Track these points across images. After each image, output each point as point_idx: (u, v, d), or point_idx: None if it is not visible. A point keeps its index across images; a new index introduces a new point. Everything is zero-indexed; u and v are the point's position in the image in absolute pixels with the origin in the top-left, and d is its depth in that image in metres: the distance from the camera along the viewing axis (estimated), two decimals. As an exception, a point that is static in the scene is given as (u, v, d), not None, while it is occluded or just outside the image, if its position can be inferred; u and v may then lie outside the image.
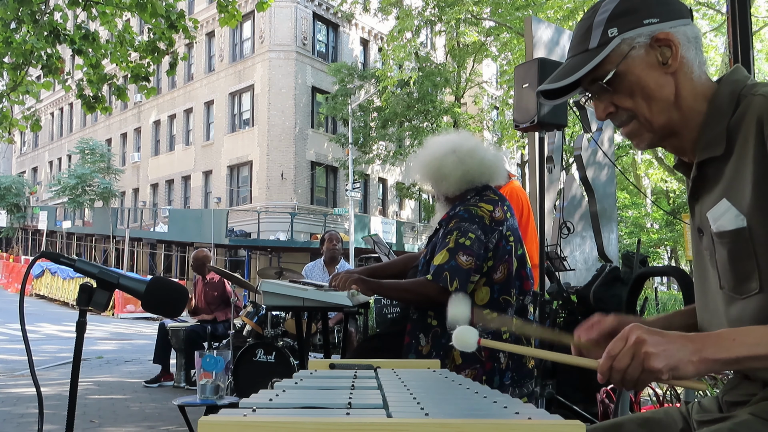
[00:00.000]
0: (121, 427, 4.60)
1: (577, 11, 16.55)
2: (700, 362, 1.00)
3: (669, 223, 22.43)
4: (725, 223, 1.13)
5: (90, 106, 7.55)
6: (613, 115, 1.24)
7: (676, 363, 1.00)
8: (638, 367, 1.01)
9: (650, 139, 1.23)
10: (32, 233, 36.16)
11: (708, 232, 1.20)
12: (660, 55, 1.17)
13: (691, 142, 1.22)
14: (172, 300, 1.47)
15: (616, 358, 1.02)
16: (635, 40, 1.17)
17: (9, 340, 11.76)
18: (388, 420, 0.80)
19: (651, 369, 1.00)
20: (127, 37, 7.41)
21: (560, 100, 1.32)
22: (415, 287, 2.37)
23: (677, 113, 1.19)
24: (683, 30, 1.18)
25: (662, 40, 1.17)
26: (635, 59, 1.17)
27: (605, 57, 1.17)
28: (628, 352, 1.01)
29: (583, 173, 5.19)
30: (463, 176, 2.42)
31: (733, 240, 1.12)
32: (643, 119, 1.20)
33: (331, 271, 5.94)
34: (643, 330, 1.02)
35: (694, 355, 1.00)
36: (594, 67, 1.18)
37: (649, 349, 1.00)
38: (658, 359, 0.99)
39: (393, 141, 23.71)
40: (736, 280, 1.14)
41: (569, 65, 1.23)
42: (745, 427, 1.11)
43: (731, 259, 1.14)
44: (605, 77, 1.19)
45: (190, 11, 27.38)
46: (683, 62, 1.18)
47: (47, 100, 37.81)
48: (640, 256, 4.34)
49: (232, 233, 22.85)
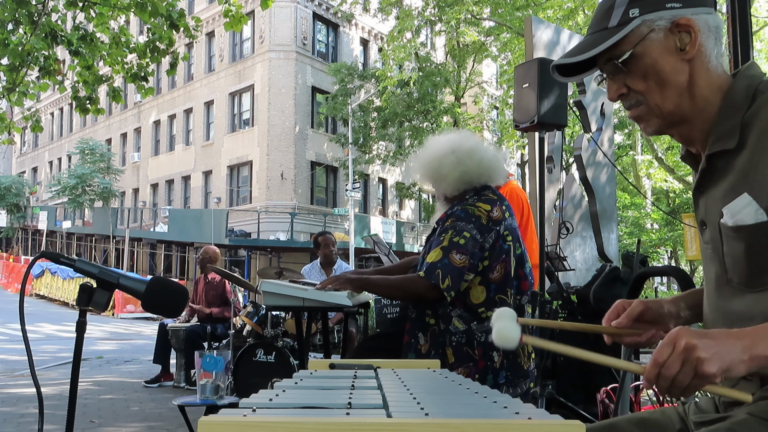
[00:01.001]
0: (121, 427, 4.60)
1: (577, 11, 16.55)
2: (752, 360, 0.98)
3: (669, 223, 22.41)
4: (744, 218, 1.12)
5: (83, 108, 7.55)
6: (624, 96, 1.23)
7: (728, 365, 0.97)
8: (690, 373, 0.97)
9: (658, 124, 1.22)
10: (32, 233, 36.15)
11: (713, 226, 1.19)
12: (679, 41, 1.16)
13: (701, 132, 1.21)
14: (172, 300, 1.47)
15: (664, 365, 0.98)
16: (655, 23, 1.16)
17: (9, 340, 11.77)
18: (388, 420, 0.80)
19: (704, 374, 0.96)
20: (122, 39, 7.40)
21: (574, 79, 1.31)
22: (405, 283, 2.37)
23: (689, 101, 1.18)
24: (705, 18, 1.17)
25: (682, 26, 1.16)
26: (653, 42, 1.17)
27: (623, 37, 1.16)
28: (678, 359, 0.97)
29: (583, 173, 5.19)
30: (462, 176, 2.43)
31: (752, 234, 1.11)
32: (653, 104, 1.19)
33: (328, 272, 5.94)
34: (691, 334, 0.99)
35: (744, 353, 0.97)
36: (611, 46, 1.17)
37: (701, 354, 0.96)
38: (711, 363, 0.96)
39: (393, 141, 23.70)
40: (749, 274, 1.14)
41: (587, 41, 1.22)
42: (743, 426, 1.10)
43: (747, 253, 1.13)
44: (621, 57, 1.18)
45: (190, 11, 27.39)
46: (701, 50, 1.17)
47: (47, 101, 37.81)
48: (640, 256, 4.34)
49: (232, 233, 22.85)
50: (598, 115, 5.50)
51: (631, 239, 21.92)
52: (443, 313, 2.30)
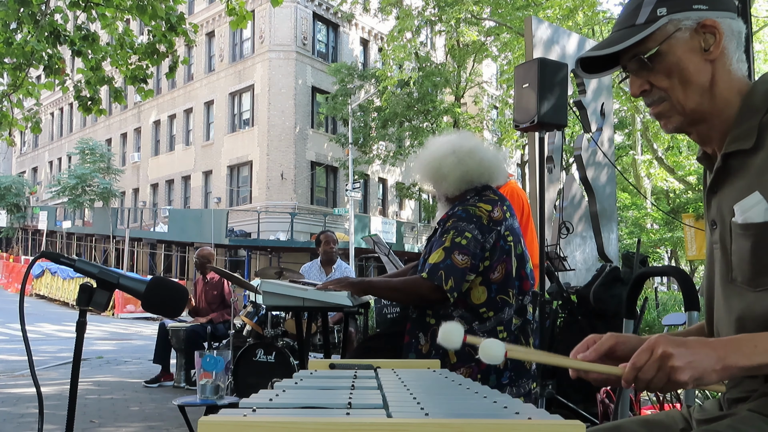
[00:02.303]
0: (121, 427, 4.60)
1: (577, 11, 16.55)
2: (723, 370, 1.02)
3: (669, 223, 22.42)
4: (753, 215, 1.14)
5: (86, 108, 7.55)
6: (646, 93, 1.25)
7: (701, 373, 1.02)
8: (664, 379, 1.03)
9: (679, 121, 1.25)
10: (32, 233, 36.15)
11: (724, 225, 1.21)
12: (703, 41, 1.19)
13: (719, 132, 1.23)
14: (172, 300, 1.47)
15: (641, 370, 1.04)
16: (682, 22, 1.19)
17: (9, 340, 11.77)
18: (388, 420, 0.80)
19: (677, 381, 1.02)
20: (127, 40, 7.40)
21: (597, 76, 1.34)
22: (408, 286, 2.38)
23: (709, 101, 1.21)
24: (729, 22, 1.20)
25: (708, 27, 1.19)
26: (679, 41, 1.20)
27: (650, 34, 1.19)
28: (654, 365, 1.03)
29: (583, 173, 5.19)
30: (463, 176, 2.43)
31: (760, 232, 1.13)
32: (676, 101, 1.22)
33: (328, 271, 5.94)
34: (668, 342, 1.03)
35: (717, 363, 1.02)
36: (637, 43, 1.20)
37: (676, 363, 1.01)
38: (684, 372, 1.01)
39: (393, 141, 23.71)
40: (753, 273, 1.15)
41: (613, 37, 1.25)
42: (744, 423, 1.11)
43: (754, 252, 1.15)
44: (647, 53, 1.21)
45: (190, 11, 27.40)
46: (724, 52, 1.20)
47: (47, 101, 37.79)
48: (640, 256, 4.34)
49: (232, 233, 22.86)
50: (598, 115, 5.50)
51: (631, 239, 21.93)
52: (444, 313, 2.30)
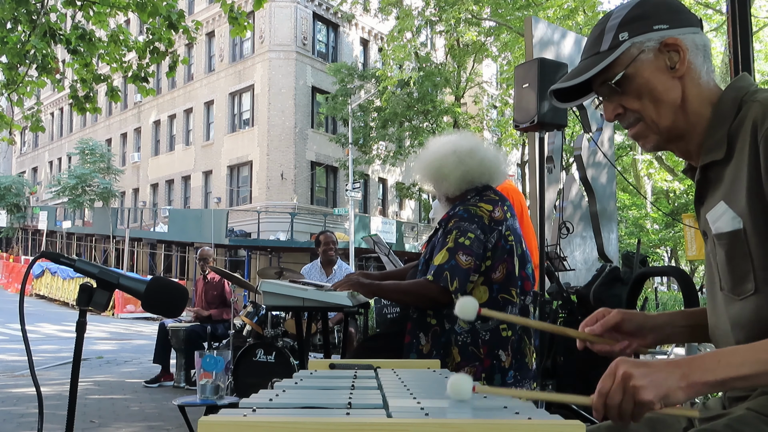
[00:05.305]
0: (121, 427, 4.60)
1: (577, 11, 16.55)
2: (689, 387, 1.00)
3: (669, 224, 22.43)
4: (722, 225, 1.16)
5: (81, 108, 7.54)
6: (621, 116, 1.27)
7: (665, 392, 0.99)
8: (630, 401, 1.00)
9: (656, 140, 1.26)
10: (32, 233, 36.14)
11: (708, 236, 1.23)
12: (668, 60, 1.21)
13: (696, 145, 1.25)
14: (172, 300, 1.47)
15: (608, 396, 1.01)
16: (644, 44, 1.21)
17: (9, 340, 11.77)
18: (388, 420, 0.80)
19: (642, 401, 0.99)
20: (121, 37, 7.40)
21: (573, 104, 1.36)
22: (416, 289, 2.38)
23: (683, 117, 1.22)
24: (692, 37, 1.22)
25: (671, 45, 1.20)
26: (644, 62, 1.21)
27: (615, 59, 1.21)
28: (618, 389, 1.01)
29: (583, 173, 5.19)
30: (463, 176, 2.44)
31: (730, 241, 1.16)
32: (650, 121, 1.23)
33: (328, 272, 5.93)
34: (629, 363, 1.02)
35: (682, 380, 1.00)
36: (604, 69, 1.22)
37: (637, 383, 0.99)
38: (648, 391, 0.99)
39: (393, 141, 23.68)
40: (733, 282, 1.17)
41: (580, 67, 1.27)
42: (741, 422, 1.12)
43: (729, 261, 1.17)
44: (614, 79, 1.22)
45: (190, 11, 27.40)
46: (690, 67, 1.21)
47: (47, 101, 37.79)
48: (640, 256, 4.34)
49: (232, 233, 22.84)
50: (598, 115, 5.50)
51: (631, 239, 21.92)
52: (447, 313, 2.31)
